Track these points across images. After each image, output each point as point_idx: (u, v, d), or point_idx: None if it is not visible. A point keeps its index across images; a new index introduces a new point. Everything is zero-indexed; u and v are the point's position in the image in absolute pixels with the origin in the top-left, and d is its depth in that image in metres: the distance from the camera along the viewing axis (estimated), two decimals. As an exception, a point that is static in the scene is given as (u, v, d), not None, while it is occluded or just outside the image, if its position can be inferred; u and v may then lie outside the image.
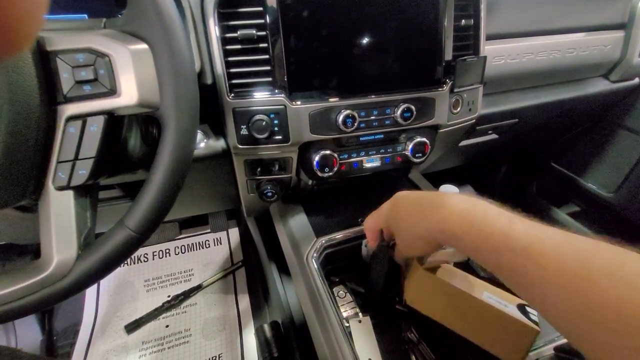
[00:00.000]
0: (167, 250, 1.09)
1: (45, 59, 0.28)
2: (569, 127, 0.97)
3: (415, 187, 0.73)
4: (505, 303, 0.43)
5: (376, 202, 0.68)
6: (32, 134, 0.28)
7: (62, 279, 0.30)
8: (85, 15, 0.55)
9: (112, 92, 0.29)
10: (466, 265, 0.57)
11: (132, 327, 0.88)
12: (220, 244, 1.13)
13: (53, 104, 0.29)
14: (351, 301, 0.57)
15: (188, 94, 0.30)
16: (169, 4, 0.29)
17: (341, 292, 0.57)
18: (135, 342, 0.87)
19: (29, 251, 0.84)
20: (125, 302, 0.95)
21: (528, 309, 0.43)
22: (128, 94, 0.29)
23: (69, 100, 0.29)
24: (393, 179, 0.75)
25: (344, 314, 0.54)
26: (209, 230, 1.14)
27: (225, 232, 1.15)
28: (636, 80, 0.86)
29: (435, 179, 0.76)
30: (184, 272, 1.05)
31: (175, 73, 0.29)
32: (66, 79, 0.28)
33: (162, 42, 0.29)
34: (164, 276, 1.04)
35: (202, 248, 1.12)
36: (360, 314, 0.56)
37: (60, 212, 0.30)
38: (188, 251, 1.10)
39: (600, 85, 0.83)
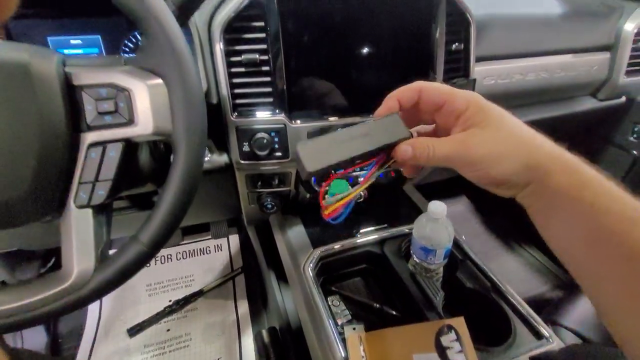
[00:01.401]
0: (169, 256, 1.12)
1: (72, 93, 0.31)
2: (558, 142, 1.00)
3: (409, 199, 0.76)
4: None
5: (371, 215, 0.72)
6: (58, 158, 0.31)
7: (81, 288, 0.33)
8: (99, 36, 0.60)
9: (130, 122, 0.32)
10: (452, 274, 0.60)
11: (134, 331, 0.91)
12: (221, 250, 1.16)
13: (77, 131, 0.32)
14: (345, 309, 0.60)
15: (198, 123, 0.34)
16: (183, 44, 0.33)
17: (335, 300, 0.61)
18: (138, 345, 0.90)
19: (37, 257, 0.87)
20: (128, 306, 0.98)
21: None
22: (144, 124, 0.33)
23: (91, 128, 0.32)
24: (387, 191, 0.78)
25: (339, 322, 0.57)
26: (210, 237, 1.17)
27: (225, 238, 1.18)
28: (623, 98, 0.89)
29: (430, 191, 0.80)
30: (185, 277, 1.08)
31: (186, 105, 0.33)
32: (90, 110, 0.32)
33: (175, 78, 0.32)
34: (165, 281, 1.07)
35: (203, 254, 1.15)
36: (354, 321, 0.59)
37: (80, 228, 0.33)
38: (189, 257, 1.13)
39: (588, 104, 0.87)
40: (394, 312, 0.59)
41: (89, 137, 0.32)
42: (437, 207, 0.53)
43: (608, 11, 0.80)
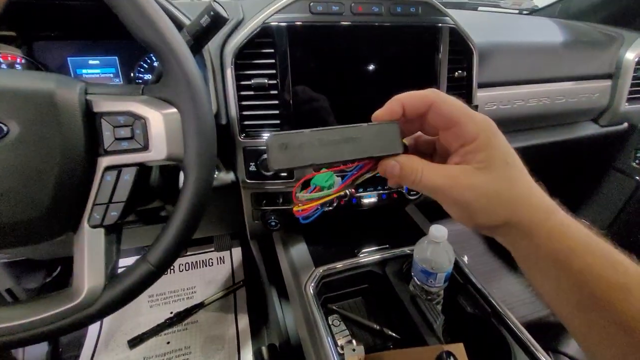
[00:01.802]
0: (172, 267, 1.13)
1: (92, 119, 0.33)
2: (560, 167, 1.01)
3: (411, 220, 0.77)
4: None
5: (373, 235, 0.72)
6: (76, 180, 0.33)
7: (90, 306, 0.34)
8: (116, 57, 0.62)
9: (145, 147, 0.34)
10: (453, 298, 0.61)
11: (134, 342, 0.91)
12: (223, 262, 1.17)
13: (95, 155, 0.34)
14: (344, 329, 0.60)
15: (208, 151, 0.35)
16: (197, 77, 0.35)
17: (336, 320, 0.61)
18: (137, 357, 0.90)
19: (42, 266, 0.89)
20: (129, 317, 0.99)
21: None
22: (158, 150, 0.34)
23: (108, 153, 0.34)
24: (389, 212, 0.79)
25: (338, 342, 0.58)
26: (212, 249, 1.18)
27: (228, 251, 1.19)
28: (625, 124, 0.91)
29: (432, 210, 0.80)
30: (187, 289, 1.09)
31: (198, 133, 0.34)
32: (108, 136, 0.34)
33: (189, 109, 0.34)
34: (167, 292, 1.07)
35: (205, 266, 1.16)
36: (354, 342, 0.59)
37: (92, 246, 0.35)
38: (192, 268, 1.14)
39: (590, 129, 0.88)
40: (393, 334, 0.59)
41: (105, 161, 0.34)
42: (438, 230, 0.54)
43: (608, 40, 0.82)
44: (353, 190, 0.65)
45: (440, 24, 0.58)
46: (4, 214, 0.30)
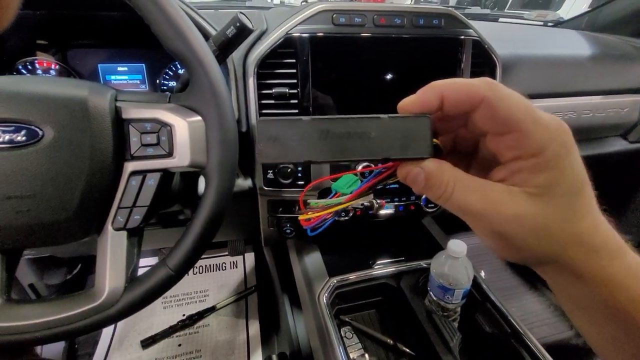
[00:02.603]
0: (186, 270, 1.15)
1: (120, 125, 0.35)
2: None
3: (427, 233, 0.75)
4: None
5: (388, 246, 0.71)
6: (103, 184, 0.34)
7: (111, 307, 0.35)
8: (143, 65, 0.65)
9: (170, 154, 0.35)
10: (471, 315, 0.59)
11: (147, 343, 0.93)
12: (236, 267, 1.17)
13: (122, 160, 0.35)
14: (357, 342, 0.59)
15: (230, 160, 0.36)
16: (222, 88, 0.35)
17: (348, 332, 0.60)
18: (149, 357, 0.91)
19: (64, 263, 0.92)
20: (144, 317, 1.00)
21: None
22: (182, 157, 0.35)
23: (134, 158, 0.35)
24: (405, 223, 0.78)
25: (351, 355, 0.57)
26: (226, 253, 1.19)
27: (241, 256, 1.19)
28: (656, 141, 0.87)
29: (450, 223, 0.78)
30: (200, 292, 1.10)
31: (221, 142, 0.35)
32: (134, 142, 0.35)
33: (214, 118, 0.35)
34: (180, 294, 1.09)
35: (219, 270, 1.17)
36: (367, 356, 0.58)
37: (115, 249, 0.36)
38: (205, 272, 1.15)
39: (618, 145, 0.85)
40: (407, 350, 0.58)
41: (131, 166, 0.35)
42: (457, 245, 0.53)
43: (638, 54, 0.79)
44: (372, 200, 0.63)
45: (463, 36, 0.57)
46: (34, 215, 0.32)
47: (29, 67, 0.58)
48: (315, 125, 0.20)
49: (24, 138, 0.30)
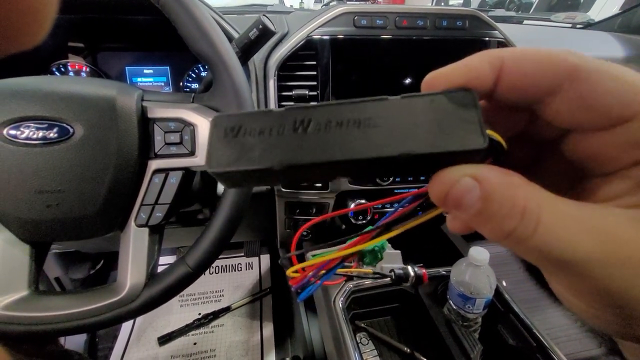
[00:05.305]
0: (203, 269, 1.17)
1: (146, 124, 0.35)
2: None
3: (447, 239, 0.73)
4: None
5: (406, 252, 0.70)
6: (128, 181, 0.35)
7: (131, 302, 0.36)
8: (168, 67, 0.67)
9: (192, 153, 0.36)
10: (492, 326, 0.56)
11: (164, 340, 0.94)
12: (252, 268, 1.18)
13: (146, 158, 0.36)
14: (373, 349, 0.58)
15: None
16: (245, 89, 0.36)
17: (364, 338, 0.59)
18: (165, 354, 0.93)
19: (89, 258, 0.95)
20: (161, 314, 1.02)
21: None
22: (203, 156, 0.36)
23: (158, 156, 0.36)
24: (423, 229, 0.76)
25: (366, 362, 0.56)
26: (242, 254, 1.21)
27: (257, 258, 1.20)
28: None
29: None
30: (216, 292, 1.11)
31: (242, 142, 0.35)
32: (159, 141, 0.35)
33: None
34: (197, 294, 1.10)
35: (234, 271, 1.18)
36: (381, 363, 0.56)
37: (136, 245, 0.36)
38: (221, 272, 1.17)
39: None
40: (425, 360, 0.56)
41: (155, 164, 0.36)
42: (479, 253, 0.51)
43: (679, 56, 0.75)
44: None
45: (487, 38, 0.56)
46: (63, 209, 0.33)
47: (62, 69, 0.61)
48: (293, 114, 0.13)
49: (55, 135, 0.31)
